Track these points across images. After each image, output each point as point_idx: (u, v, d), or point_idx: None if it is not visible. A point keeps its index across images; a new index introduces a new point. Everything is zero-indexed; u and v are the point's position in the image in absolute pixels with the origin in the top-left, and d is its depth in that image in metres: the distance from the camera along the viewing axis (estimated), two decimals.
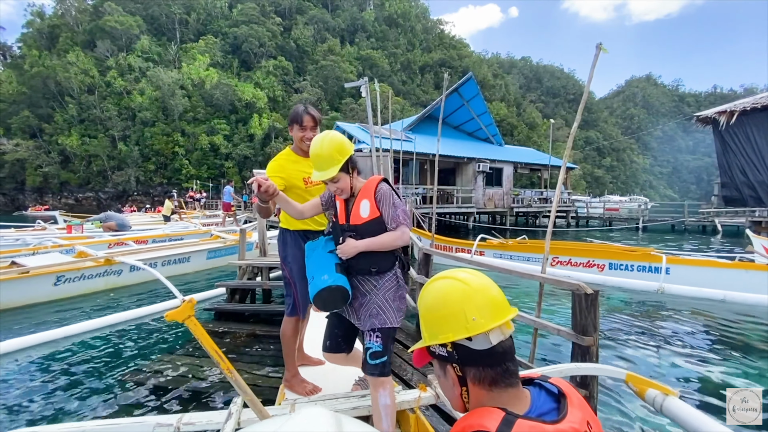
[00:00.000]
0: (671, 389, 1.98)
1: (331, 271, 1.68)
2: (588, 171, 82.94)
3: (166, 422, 1.64)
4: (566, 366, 2.31)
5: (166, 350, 3.91)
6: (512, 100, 79.65)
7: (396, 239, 1.67)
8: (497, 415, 0.72)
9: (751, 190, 10.63)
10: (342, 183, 1.71)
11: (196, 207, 27.80)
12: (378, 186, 1.70)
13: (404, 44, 71.82)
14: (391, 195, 1.69)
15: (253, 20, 55.32)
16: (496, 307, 0.81)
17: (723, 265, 6.03)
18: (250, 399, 1.47)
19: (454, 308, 0.81)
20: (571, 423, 0.72)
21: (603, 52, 2.87)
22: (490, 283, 0.85)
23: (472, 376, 0.80)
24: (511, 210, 21.85)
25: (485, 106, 23.89)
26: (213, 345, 1.28)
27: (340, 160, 1.65)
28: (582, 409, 0.77)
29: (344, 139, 1.72)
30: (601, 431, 0.79)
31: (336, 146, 1.66)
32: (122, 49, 47.50)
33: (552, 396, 0.82)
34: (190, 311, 1.18)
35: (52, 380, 3.28)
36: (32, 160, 40.50)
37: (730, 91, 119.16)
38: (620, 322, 5.01)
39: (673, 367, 3.65)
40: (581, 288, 2.50)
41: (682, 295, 4.82)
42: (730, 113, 10.91)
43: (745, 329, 4.73)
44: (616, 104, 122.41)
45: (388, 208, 1.67)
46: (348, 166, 1.71)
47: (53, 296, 5.47)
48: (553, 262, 7.51)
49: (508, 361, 0.80)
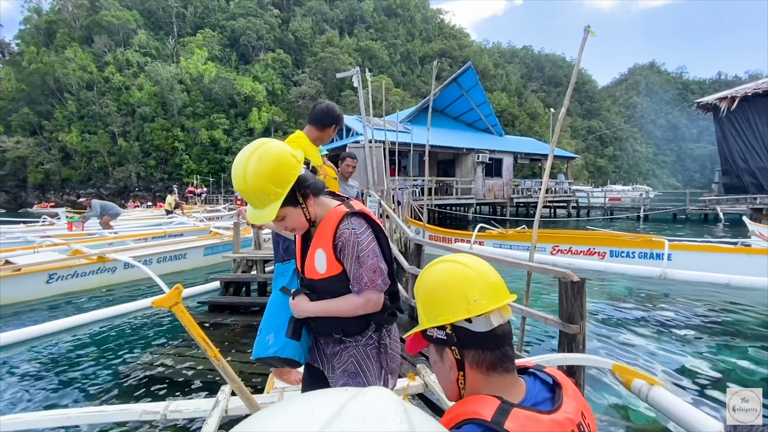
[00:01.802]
0: (656, 379, 2.01)
1: (279, 331, 1.34)
2: (590, 161, 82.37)
3: (153, 410, 1.65)
4: (553, 356, 2.32)
5: (155, 343, 3.96)
6: (513, 90, 78.88)
7: (356, 308, 1.20)
8: (492, 404, 0.71)
9: (752, 177, 10.52)
10: (291, 222, 1.19)
11: (197, 202, 27.85)
12: (338, 227, 1.17)
13: (404, 35, 71.09)
14: (357, 242, 1.15)
15: (251, 13, 54.83)
16: (496, 290, 0.81)
17: (725, 249, 5.98)
18: (237, 387, 1.45)
19: (456, 290, 0.81)
20: (566, 413, 0.72)
21: (591, 35, 2.81)
22: (489, 268, 0.85)
23: (471, 358, 0.80)
24: (511, 201, 21.77)
25: (485, 96, 23.67)
26: (200, 332, 1.27)
27: (279, 193, 1.09)
28: (576, 399, 0.77)
29: (281, 154, 1.09)
30: (594, 422, 0.79)
31: (266, 174, 1.06)
32: (120, 44, 47.28)
33: (546, 386, 0.82)
34: (177, 298, 1.16)
35: (39, 374, 3.31)
36: (33, 158, 40.63)
37: (735, 78, 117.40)
38: (619, 310, 5.01)
39: (663, 356, 3.64)
40: (567, 276, 2.48)
41: (685, 280, 4.71)
42: (731, 99, 10.76)
43: (740, 318, 4.72)
44: (618, 93, 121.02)
45: (351, 262, 1.17)
46: (296, 195, 1.15)
47: (46, 294, 5.51)
48: (553, 250, 7.52)
49: (507, 345, 0.80)
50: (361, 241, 1.16)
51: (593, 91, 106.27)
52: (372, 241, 1.20)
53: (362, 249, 1.16)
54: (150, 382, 3.05)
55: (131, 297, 5.74)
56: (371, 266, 1.18)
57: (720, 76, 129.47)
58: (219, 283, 5.10)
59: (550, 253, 7.57)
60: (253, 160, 1.06)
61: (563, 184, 24.25)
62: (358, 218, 1.19)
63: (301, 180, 1.14)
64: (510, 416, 0.68)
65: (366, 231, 1.19)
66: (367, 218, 1.22)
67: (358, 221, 1.19)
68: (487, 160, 20.01)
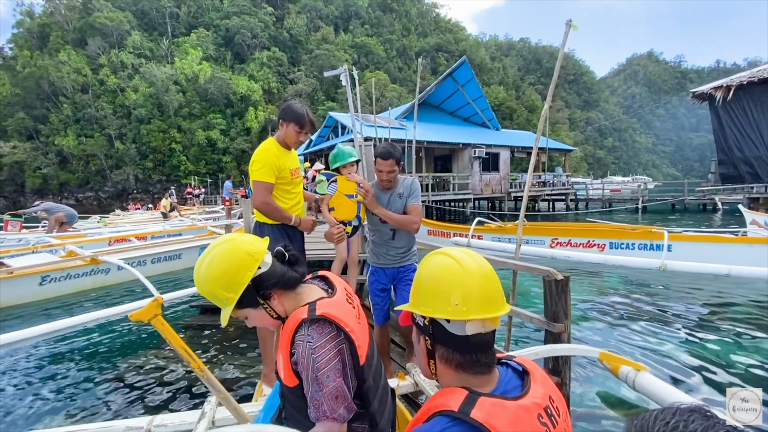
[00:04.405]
0: (642, 365, 2.05)
1: None
2: (589, 152, 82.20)
3: (137, 425, 1.61)
4: (541, 348, 2.34)
5: (139, 351, 3.89)
6: (511, 83, 78.52)
7: None
8: (460, 394, 0.74)
9: (748, 167, 10.47)
10: (254, 322, 1.13)
11: (195, 203, 27.80)
12: (294, 337, 1.01)
13: (399, 30, 70.66)
14: (312, 359, 0.96)
15: (245, 11, 54.47)
16: (485, 299, 0.80)
17: (725, 239, 5.95)
18: (223, 397, 1.42)
19: (442, 287, 0.81)
20: (533, 398, 0.74)
21: (573, 29, 2.76)
22: (488, 273, 0.84)
23: (440, 354, 0.83)
24: (508, 195, 21.71)
25: (481, 90, 23.52)
26: (182, 344, 1.23)
27: (231, 298, 1.03)
28: (544, 384, 0.79)
29: (231, 258, 1.04)
30: (564, 405, 0.80)
31: (214, 279, 1.02)
32: (113, 45, 46.97)
33: (518, 374, 0.84)
34: (156, 310, 1.13)
35: (18, 382, 3.25)
36: (30, 162, 40.51)
37: (734, 66, 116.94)
38: (614, 301, 5.00)
39: (655, 345, 3.63)
40: (551, 274, 2.46)
41: (685, 271, 4.68)
42: (726, 88, 10.69)
43: (735, 307, 4.70)
44: (617, 83, 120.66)
45: (308, 382, 0.98)
46: (255, 296, 1.06)
47: (39, 296, 5.50)
48: (552, 243, 7.51)
49: (481, 353, 0.80)
50: (317, 358, 0.96)
51: (591, 83, 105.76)
52: (334, 357, 0.98)
53: (319, 368, 0.96)
54: (133, 392, 3.00)
55: (121, 300, 5.73)
56: (332, 391, 0.96)
57: (719, 64, 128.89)
58: None
59: (549, 246, 7.53)
60: (204, 264, 1.04)
61: (561, 177, 24.16)
62: (318, 327, 0.99)
63: (259, 280, 1.05)
64: (477, 405, 0.70)
65: (327, 344, 0.98)
66: (332, 324, 1.00)
67: (318, 331, 0.98)
68: (483, 155, 19.94)
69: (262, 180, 2.21)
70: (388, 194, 2.41)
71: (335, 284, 1.18)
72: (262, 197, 2.22)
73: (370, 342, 1.14)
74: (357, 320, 1.09)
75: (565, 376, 2.49)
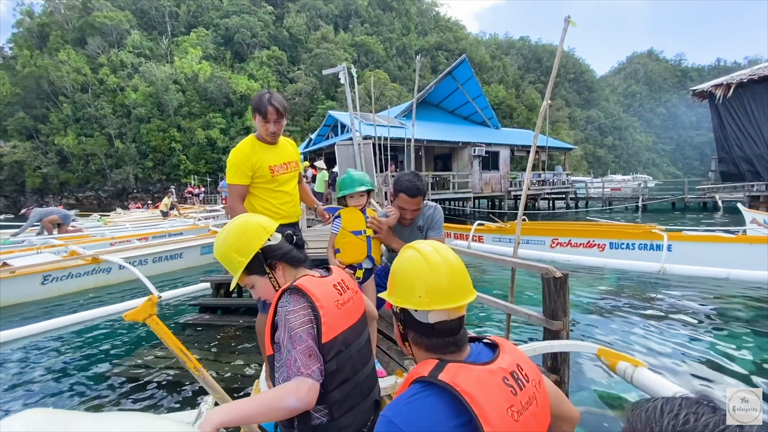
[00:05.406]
0: (640, 361, 2.06)
1: None
2: (590, 151, 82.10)
3: None
4: (540, 344, 2.35)
5: (135, 348, 3.87)
6: (511, 81, 78.37)
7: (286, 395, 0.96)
8: (432, 363, 0.81)
9: (749, 165, 10.45)
10: (259, 291, 1.24)
11: (195, 203, 27.82)
12: (277, 305, 1.10)
13: (399, 28, 70.53)
14: (286, 320, 1.04)
15: (245, 10, 54.38)
16: (444, 293, 0.85)
17: (726, 239, 5.91)
18: (220, 397, 1.42)
19: (407, 280, 0.89)
20: (499, 364, 0.81)
21: (572, 25, 2.76)
22: (453, 266, 0.89)
23: (411, 337, 0.91)
24: (508, 194, 21.68)
25: (480, 88, 23.49)
26: (178, 343, 1.24)
27: (241, 261, 1.17)
28: (513, 354, 0.86)
29: (246, 225, 1.21)
30: (537, 373, 0.86)
31: (230, 244, 1.18)
32: (113, 45, 46.92)
33: (491, 348, 0.90)
34: (151, 309, 1.14)
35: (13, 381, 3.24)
36: (30, 162, 40.48)
37: (734, 64, 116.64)
38: (612, 300, 4.99)
39: (654, 343, 3.62)
40: (550, 272, 2.46)
41: (684, 274, 4.77)
42: (726, 86, 10.66)
43: (734, 304, 4.69)
44: (617, 82, 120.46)
45: (283, 343, 1.04)
46: (262, 264, 1.20)
47: (41, 295, 5.54)
48: (552, 243, 7.49)
49: (449, 336, 0.86)
50: (291, 319, 1.03)
51: (591, 81, 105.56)
52: (307, 322, 1.04)
53: (293, 327, 1.03)
54: (129, 392, 2.97)
55: (122, 299, 5.73)
56: (305, 349, 1.01)
57: (719, 62, 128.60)
58: (210, 284, 5.07)
59: (550, 247, 7.51)
60: (224, 232, 1.22)
61: (561, 176, 24.14)
62: (294, 295, 1.08)
63: (267, 250, 1.20)
64: (444, 369, 0.77)
65: (301, 311, 1.05)
66: (305, 296, 1.08)
67: (294, 299, 1.07)
68: (483, 154, 19.90)
69: (232, 183, 2.21)
70: (407, 230, 2.16)
71: (333, 271, 1.28)
72: (232, 201, 2.24)
73: (350, 333, 1.16)
74: (336, 304, 1.13)
75: (563, 374, 2.49)
